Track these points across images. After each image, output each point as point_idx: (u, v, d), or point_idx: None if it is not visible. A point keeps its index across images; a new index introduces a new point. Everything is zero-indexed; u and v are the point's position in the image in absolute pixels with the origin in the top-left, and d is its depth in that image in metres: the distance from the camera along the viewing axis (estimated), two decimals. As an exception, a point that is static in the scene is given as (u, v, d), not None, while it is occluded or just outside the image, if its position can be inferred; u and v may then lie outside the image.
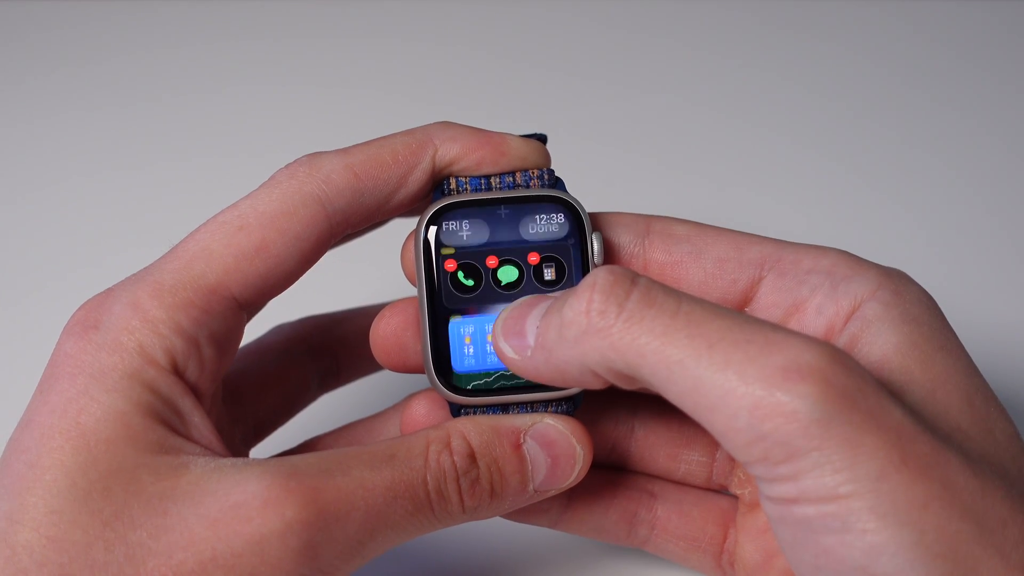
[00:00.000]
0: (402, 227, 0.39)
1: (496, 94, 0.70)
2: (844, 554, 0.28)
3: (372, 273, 0.50)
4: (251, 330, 0.37)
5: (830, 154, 0.65)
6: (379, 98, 0.69)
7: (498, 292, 0.35)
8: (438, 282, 0.35)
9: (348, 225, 0.35)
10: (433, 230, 0.35)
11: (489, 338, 0.35)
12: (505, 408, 0.35)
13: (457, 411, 0.35)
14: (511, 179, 0.36)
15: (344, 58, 0.73)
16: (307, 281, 0.37)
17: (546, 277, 0.35)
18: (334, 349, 0.43)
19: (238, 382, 0.40)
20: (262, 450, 0.41)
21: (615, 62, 0.72)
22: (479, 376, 0.35)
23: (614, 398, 0.38)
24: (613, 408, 0.38)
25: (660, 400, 0.31)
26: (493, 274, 0.35)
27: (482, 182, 0.36)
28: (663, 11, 0.76)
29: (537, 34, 0.74)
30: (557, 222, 0.36)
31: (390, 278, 0.43)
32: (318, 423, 0.43)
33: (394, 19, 0.76)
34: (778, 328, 0.29)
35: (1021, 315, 0.55)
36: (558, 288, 0.35)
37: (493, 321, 0.34)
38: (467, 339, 0.35)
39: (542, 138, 0.37)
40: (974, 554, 0.27)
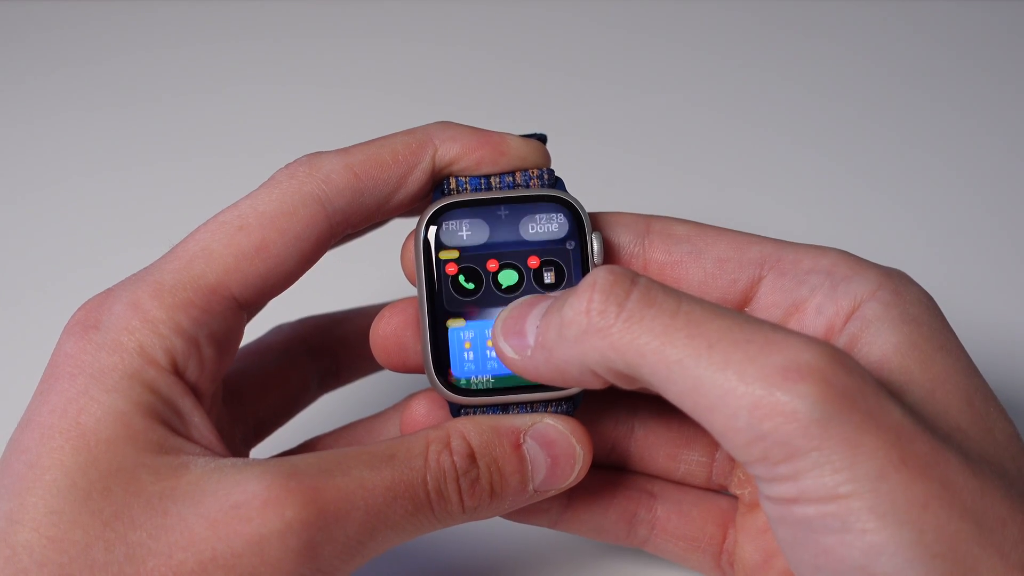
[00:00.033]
0: (402, 227, 0.39)
1: (496, 94, 0.70)
2: (844, 554, 0.28)
3: (372, 273, 0.50)
4: (251, 330, 0.37)
5: (830, 154, 0.65)
6: (379, 98, 0.69)
7: (498, 295, 0.35)
8: (438, 283, 0.35)
9: (348, 225, 0.35)
10: (433, 230, 0.35)
11: (489, 343, 0.35)
12: (505, 408, 0.35)
13: (457, 411, 0.35)
14: (511, 179, 0.36)
15: (344, 58, 0.73)
16: (307, 281, 0.37)
17: (546, 280, 0.35)
18: (334, 349, 0.43)
19: (238, 382, 0.40)
20: (262, 450, 0.41)
21: (615, 62, 0.72)
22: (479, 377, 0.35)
23: (614, 398, 0.38)
24: (613, 408, 0.38)
25: (660, 400, 0.31)
26: (494, 277, 0.35)
27: (482, 182, 0.36)
28: (663, 11, 0.76)
29: (537, 34, 0.74)
30: (557, 222, 0.36)
31: (390, 278, 0.43)
32: (318, 423, 0.43)
33: (394, 19, 0.75)
34: (778, 328, 0.29)
35: (1021, 315, 0.55)
36: (558, 290, 0.35)
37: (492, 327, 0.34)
38: (467, 344, 0.35)
39: (542, 138, 0.37)
40: (973, 553, 0.27)
